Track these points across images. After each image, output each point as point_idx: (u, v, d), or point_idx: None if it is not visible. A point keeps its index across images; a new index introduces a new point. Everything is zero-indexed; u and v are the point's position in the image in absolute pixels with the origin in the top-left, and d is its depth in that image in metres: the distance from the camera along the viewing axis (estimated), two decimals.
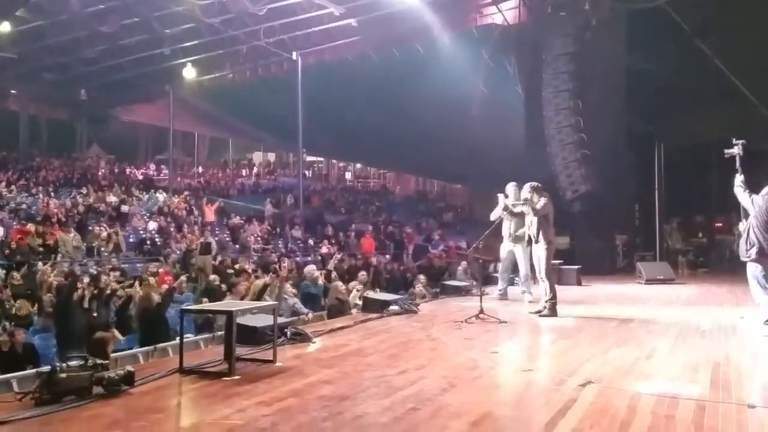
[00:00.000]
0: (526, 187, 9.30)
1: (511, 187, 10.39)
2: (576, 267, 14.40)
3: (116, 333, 8.07)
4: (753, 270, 7.17)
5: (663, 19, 17.38)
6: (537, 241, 8.95)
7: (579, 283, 13.91)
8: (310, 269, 11.40)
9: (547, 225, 8.95)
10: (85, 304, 8.51)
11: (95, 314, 8.38)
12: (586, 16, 17.12)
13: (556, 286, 9.14)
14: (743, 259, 7.33)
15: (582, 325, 8.10)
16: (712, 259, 20.30)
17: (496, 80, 20.39)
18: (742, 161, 7.48)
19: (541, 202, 9.00)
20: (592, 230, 17.58)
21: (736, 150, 7.53)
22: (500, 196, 10.32)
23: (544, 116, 17.72)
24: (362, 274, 11.93)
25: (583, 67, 17.20)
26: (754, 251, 7.07)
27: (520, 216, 9.73)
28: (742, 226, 7.51)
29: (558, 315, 8.67)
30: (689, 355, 6.04)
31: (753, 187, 7.31)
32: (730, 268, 15.96)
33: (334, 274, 11.63)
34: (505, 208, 10.09)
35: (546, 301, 8.78)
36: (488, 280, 13.14)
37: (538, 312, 8.79)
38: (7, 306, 9.69)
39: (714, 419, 3.99)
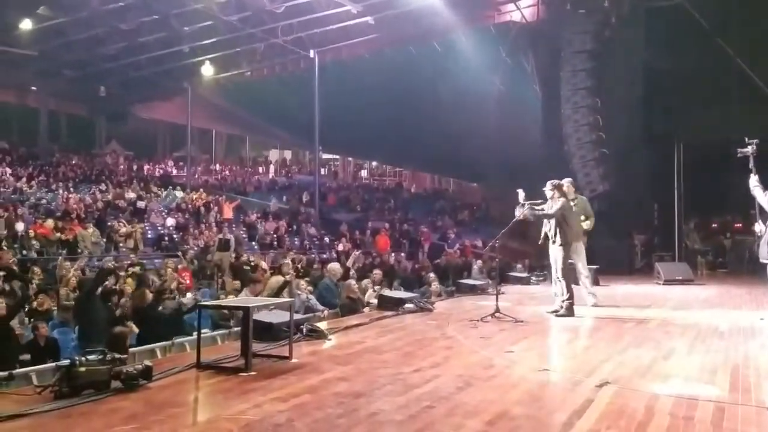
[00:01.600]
0: (548, 185, 9.18)
1: (566, 183, 9.83)
2: (594, 267, 14.25)
3: (134, 327, 8.12)
4: None
5: (682, 17, 17.22)
6: (554, 242, 8.91)
7: (597, 283, 13.73)
8: (334, 267, 11.35)
9: (565, 225, 8.89)
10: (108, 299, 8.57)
11: (116, 309, 8.44)
12: (605, 13, 17.03)
13: (573, 286, 9.09)
14: (763, 260, 7.22)
15: (599, 325, 8.05)
16: (732, 259, 20.07)
17: (514, 78, 20.36)
18: (756, 161, 7.37)
19: (558, 202, 8.93)
20: (610, 230, 17.39)
21: (750, 150, 7.41)
22: (520, 191, 9.98)
23: (562, 114, 17.64)
24: (376, 273, 11.86)
25: (601, 65, 17.09)
26: None
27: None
28: (758, 227, 7.40)
29: (575, 315, 8.62)
30: (708, 356, 5.98)
31: None
32: (749, 269, 15.77)
33: (352, 272, 11.59)
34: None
35: (563, 301, 8.73)
36: (506, 279, 13.10)
37: (555, 312, 8.74)
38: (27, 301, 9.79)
39: (733, 421, 3.94)
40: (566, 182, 9.79)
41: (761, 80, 17.94)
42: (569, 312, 8.63)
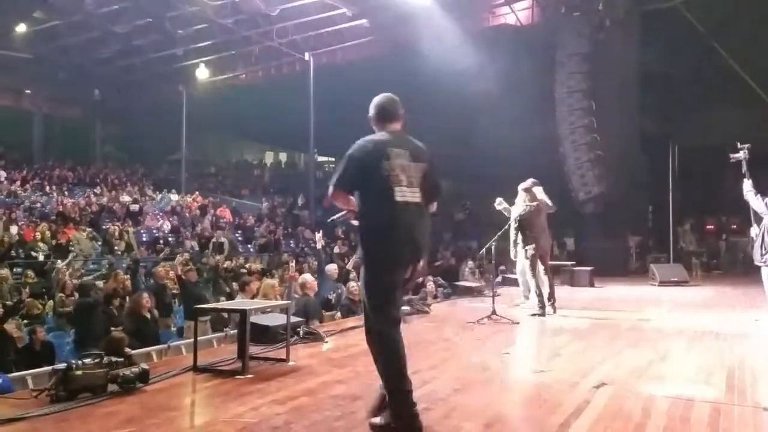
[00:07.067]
0: (520, 189, 9.31)
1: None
2: (589, 268, 14.34)
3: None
4: None
5: (677, 20, 17.26)
6: (516, 244, 9.08)
7: (592, 285, 13.86)
8: (331, 268, 11.33)
9: (529, 228, 8.96)
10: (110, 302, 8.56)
11: (116, 312, 8.42)
12: (599, 16, 17.06)
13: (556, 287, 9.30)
14: (757, 263, 7.25)
15: (595, 327, 8.07)
16: (726, 261, 20.15)
17: (509, 81, 20.33)
18: (749, 165, 7.39)
19: (522, 205, 9.05)
20: (605, 231, 17.49)
21: (742, 155, 7.42)
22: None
23: (557, 117, 17.69)
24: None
25: (596, 68, 17.13)
26: None
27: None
28: (753, 231, 7.42)
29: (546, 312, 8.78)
30: (704, 357, 6.00)
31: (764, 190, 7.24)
32: (744, 271, 15.84)
33: (352, 275, 11.58)
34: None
35: (539, 302, 8.89)
36: (503, 281, 13.11)
37: (534, 314, 8.85)
38: (21, 305, 9.77)
39: (729, 422, 3.96)
40: (529, 183, 9.51)
41: (756, 83, 18.02)
42: (542, 308, 8.79)
